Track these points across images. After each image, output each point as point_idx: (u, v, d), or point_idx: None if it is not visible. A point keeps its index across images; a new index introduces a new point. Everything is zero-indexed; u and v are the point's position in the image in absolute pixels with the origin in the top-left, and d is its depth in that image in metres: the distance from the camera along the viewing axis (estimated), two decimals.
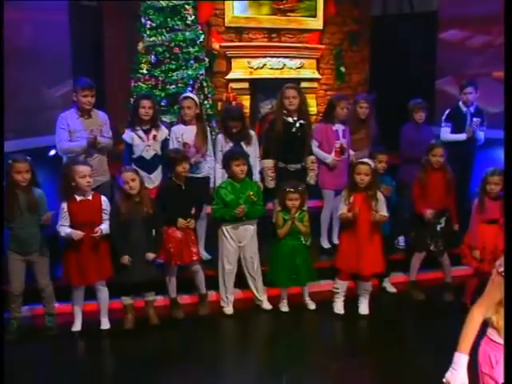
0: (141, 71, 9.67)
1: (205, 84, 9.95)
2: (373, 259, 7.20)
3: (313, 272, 7.40)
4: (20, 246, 6.80)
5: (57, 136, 7.65)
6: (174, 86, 9.64)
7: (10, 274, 6.85)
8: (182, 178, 7.07)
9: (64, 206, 6.74)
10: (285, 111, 7.81)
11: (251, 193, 7.23)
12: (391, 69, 11.26)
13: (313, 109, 11.17)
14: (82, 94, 7.51)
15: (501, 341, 3.62)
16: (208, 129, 8.02)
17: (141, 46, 9.72)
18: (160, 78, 9.67)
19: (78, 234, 6.61)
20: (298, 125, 7.82)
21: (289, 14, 11.68)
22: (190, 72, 9.74)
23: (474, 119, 8.64)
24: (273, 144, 7.91)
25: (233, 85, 11.26)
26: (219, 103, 10.89)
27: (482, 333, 3.98)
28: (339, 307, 7.35)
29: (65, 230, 6.69)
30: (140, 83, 9.63)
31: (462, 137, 8.62)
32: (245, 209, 7.12)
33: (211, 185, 7.89)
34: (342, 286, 7.36)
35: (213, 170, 7.94)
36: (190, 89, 9.69)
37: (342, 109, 8.28)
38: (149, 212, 6.82)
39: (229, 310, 7.37)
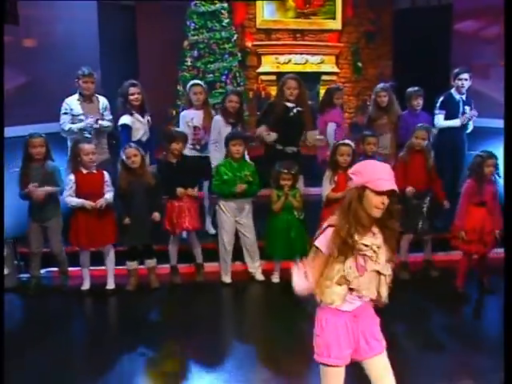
0: (185, 63, 11.29)
1: (237, 74, 11.51)
2: None
3: (307, 244, 7.40)
4: (37, 213, 7.40)
5: (60, 119, 8.17)
6: (211, 75, 11.21)
7: (29, 237, 7.49)
8: (176, 156, 7.51)
9: (72, 177, 7.27)
10: (283, 100, 8.06)
11: (247, 173, 7.58)
12: (412, 60, 11.29)
13: None
14: (83, 81, 8.07)
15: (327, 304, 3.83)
16: (213, 112, 8.47)
17: (186, 43, 11.31)
18: (201, 69, 11.25)
19: (90, 203, 7.19)
20: (295, 111, 8.04)
21: (311, 16, 12.92)
22: (225, 64, 11.34)
23: (467, 108, 8.72)
24: (271, 126, 8.09)
25: (262, 77, 12.65)
26: (250, 92, 12.35)
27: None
28: None
29: (76, 200, 7.25)
30: (185, 73, 11.25)
31: (456, 123, 8.74)
32: (244, 188, 7.48)
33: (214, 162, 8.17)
34: None
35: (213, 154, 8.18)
36: (224, 77, 11.26)
37: (337, 99, 8.94)
38: (151, 183, 7.34)
39: (227, 278, 7.79)
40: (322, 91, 12.08)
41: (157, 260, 7.64)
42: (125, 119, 8.04)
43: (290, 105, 8.02)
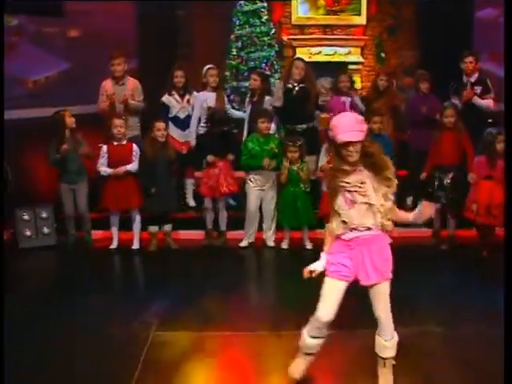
0: (232, 53, 12.74)
1: (274, 62, 12.83)
2: None
3: (312, 215, 8.08)
4: (68, 177, 8.24)
5: (99, 99, 8.84)
6: (253, 63, 12.66)
7: (63, 201, 8.33)
8: (217, 133, 8.29)
9: (104, 148, 8.06)
10: (290, 80, 8.65)
11: (273, 146, 8.07)
12: (436, 48, 11.29)
13: (358, 85, 13.07)
14: (111, 63, 8.67)
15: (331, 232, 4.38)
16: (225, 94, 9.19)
17: (232, 36, 12.79)
18: (244, 57, 12.72)
19: (111, 170, 7.99)
20: (297, 88, 8.61)
21: (339, 13, 13.98)
22: (264, 54, 12.74)
23: (476, 88, 8.67)
24: (278, 110, 8.67)
25: None
26: None
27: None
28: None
29: (106, 170, 8.02)
30: (231, 61, 12.71)
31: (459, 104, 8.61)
32: (270, 162, 7.98)
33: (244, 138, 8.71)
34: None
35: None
36: (263, 65, 12.64)
37: (341, 82, 9.16)
38: (171, 157, 8.02)
39: (244, 243, 8.36)
40: None
41: (173, 226, 8.48)
42: (163, 98, 8.90)
43: (290, 86, 8.70)
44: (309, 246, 8.27)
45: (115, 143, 8.17)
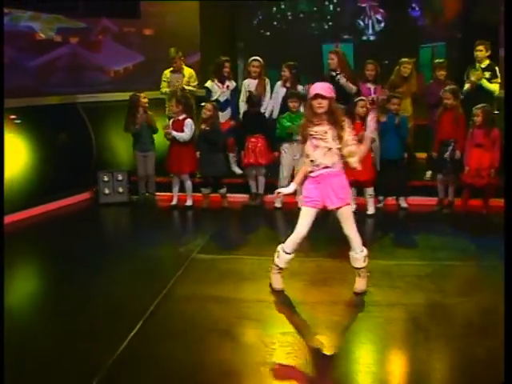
0: None
1: None
2: (368, 168, 7.80)
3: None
4: (141, 146, 8.96)
5: (161, 85, 9.50)
6: None
7: (137, 165, 9.03)
8: (253, 113, 8.75)
9: (168, 122, 8.82)
10: (331, 68, 8.88)
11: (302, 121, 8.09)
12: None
13: None
14: (172, 61, 9.42)
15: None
16: (268, 81, 9.17)
17: None
18: None
19: (166, 135, 8.62)
20: (339, 77, 8.77)
21: None
22: None
23: (486, 73, 8.64)
24: None
25: None
26: None
27: None
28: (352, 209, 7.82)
29: (174, 135, 8.53)
30: None
31: (466, 87, 8.70)
32: (293, 128, 7.98)
33: (267, 115, 8.97)
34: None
35: (267, 109, 8.97)
36: None
37: (367, 71, 9.08)
38: (209, 131, 8.40)
39: (278, 204, 8.55)
40: None
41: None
42: (207, 84, 9.29)
43: (333, 73, 8.85)
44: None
45: (175, 118, 8.76)
